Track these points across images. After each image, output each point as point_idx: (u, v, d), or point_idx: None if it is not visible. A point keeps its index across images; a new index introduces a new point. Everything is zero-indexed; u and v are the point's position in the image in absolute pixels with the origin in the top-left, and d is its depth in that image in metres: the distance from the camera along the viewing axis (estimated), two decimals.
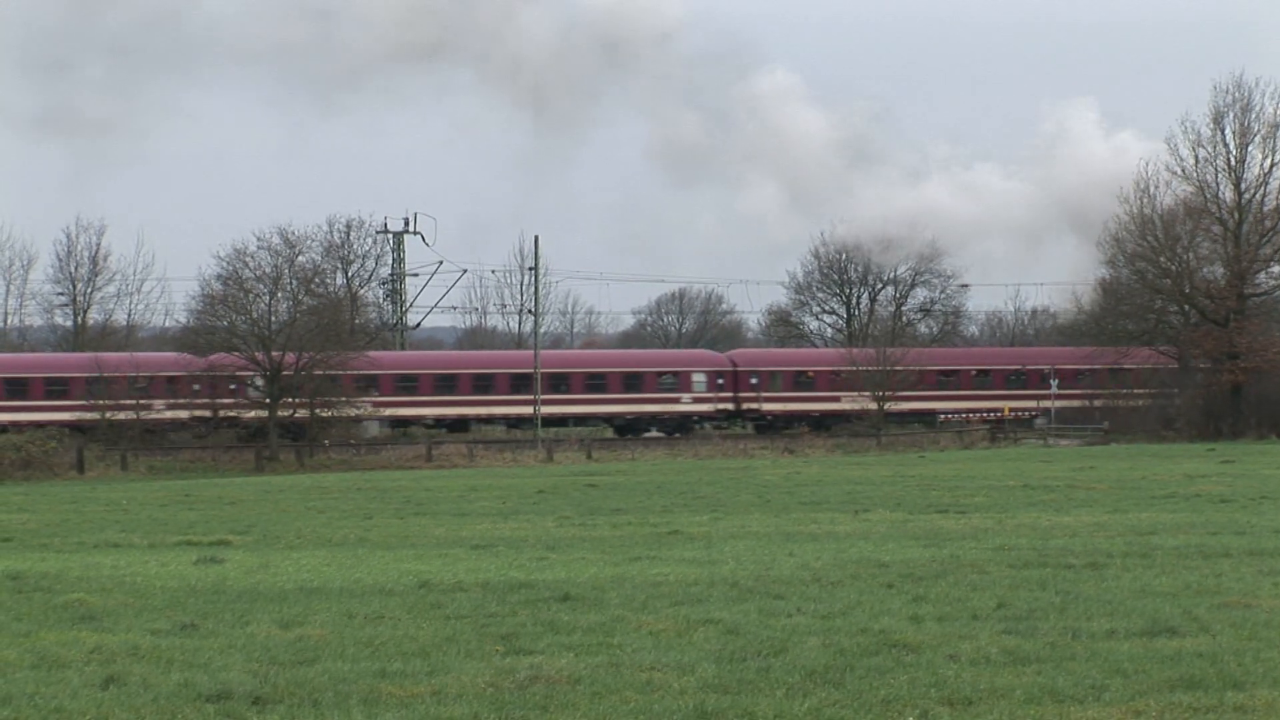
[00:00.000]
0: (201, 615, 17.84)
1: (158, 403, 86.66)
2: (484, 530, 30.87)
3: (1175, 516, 31.55)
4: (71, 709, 12.77)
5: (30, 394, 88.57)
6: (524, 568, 22.96)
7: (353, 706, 12.75)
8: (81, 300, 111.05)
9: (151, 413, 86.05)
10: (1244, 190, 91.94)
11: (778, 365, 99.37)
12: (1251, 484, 42.84)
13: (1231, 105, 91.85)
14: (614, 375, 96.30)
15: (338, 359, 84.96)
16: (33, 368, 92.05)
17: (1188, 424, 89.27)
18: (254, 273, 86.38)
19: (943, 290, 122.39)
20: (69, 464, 76.71)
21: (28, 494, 53.01)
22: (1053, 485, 43.42)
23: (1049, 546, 24.82)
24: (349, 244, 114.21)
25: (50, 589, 20.74)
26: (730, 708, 12.56)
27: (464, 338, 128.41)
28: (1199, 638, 15.49)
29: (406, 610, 18.04)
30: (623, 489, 45.62)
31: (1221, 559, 22.63)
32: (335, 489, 49.50)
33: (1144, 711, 12.43)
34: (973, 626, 16.30)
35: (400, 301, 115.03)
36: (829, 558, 23.51)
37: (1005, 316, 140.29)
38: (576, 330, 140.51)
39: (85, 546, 28.21)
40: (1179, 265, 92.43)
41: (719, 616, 17.10)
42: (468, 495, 44.06)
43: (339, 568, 23.31)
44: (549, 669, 13.98)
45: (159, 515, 37.78)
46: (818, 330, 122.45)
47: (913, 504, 36.55)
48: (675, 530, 29.54)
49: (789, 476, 51.55)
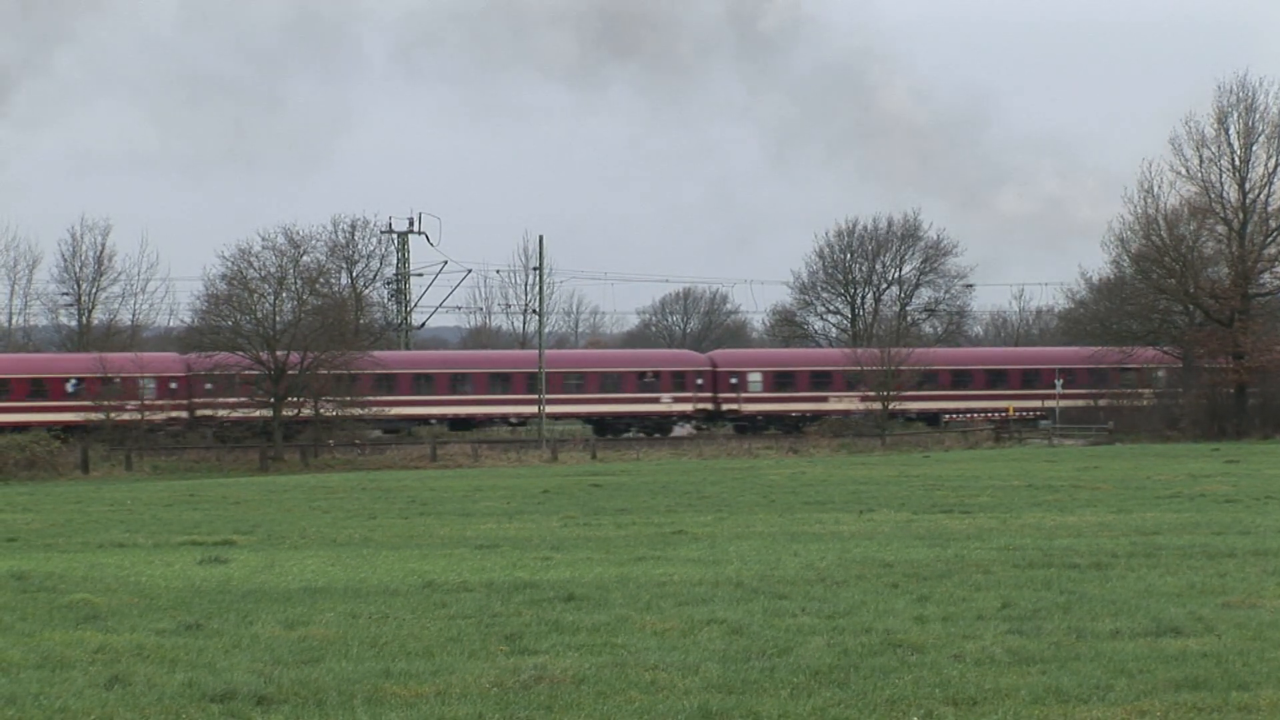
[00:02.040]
0: (206, 615, 17.84)
1: (158, 403, 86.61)
2: (489, 530, 30.87)
3: (1180, 516, 31.53)
4: (76, 709, 12.77)
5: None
6: (528, 568, 22.96)
7: (357, 706, 12.76)
8: (86, 300, 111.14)
9: (153, 413, 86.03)
10: (1248, 190, 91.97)
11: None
12: (1256, 484, 42.83)
13: (1235, 105, 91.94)
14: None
15: (342, 359, 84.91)
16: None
17: (1192, 424, 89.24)
18: (259, 272, 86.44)
19: (947, 290, 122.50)
20: (73, 464, 76.76)
21: (32, 494, 53.04)
22: (1057, 485, 43.41)
23: (1054, 546, 24.81)
24: (354, 244, 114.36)
25: (55, 589, 20.74)
26: (735, 708, 12.56)
27: (468, 338, 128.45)
28: (1204, 638, 15.48)
29: (411, 610, 18.04)
30: (627, 489, 45.62)
31: (1226, 559, 22.61)
32: (340, 489, 49.52)
33: (1149, 711, 12.43)
34: (977, 626, 16.29)
35: (405, 301, 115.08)
36: (834, 558, 23.50)
37: (1010, 316, 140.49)
38: (581, 330, 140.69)
39: (90, 546, 28.22)
40: (1183, 265, 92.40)
41: (724, 616, 17.09)
42: (472, 495, 44.07)
43: (344, 568, 23.31)
44: (553, 669, 13.98)
45: (164, 515, 37.79)
46: (822, 330, 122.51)
47: (917, 504, 36.53)
48: (680, 530, 29.54)
49: (794, 476, 51.55)
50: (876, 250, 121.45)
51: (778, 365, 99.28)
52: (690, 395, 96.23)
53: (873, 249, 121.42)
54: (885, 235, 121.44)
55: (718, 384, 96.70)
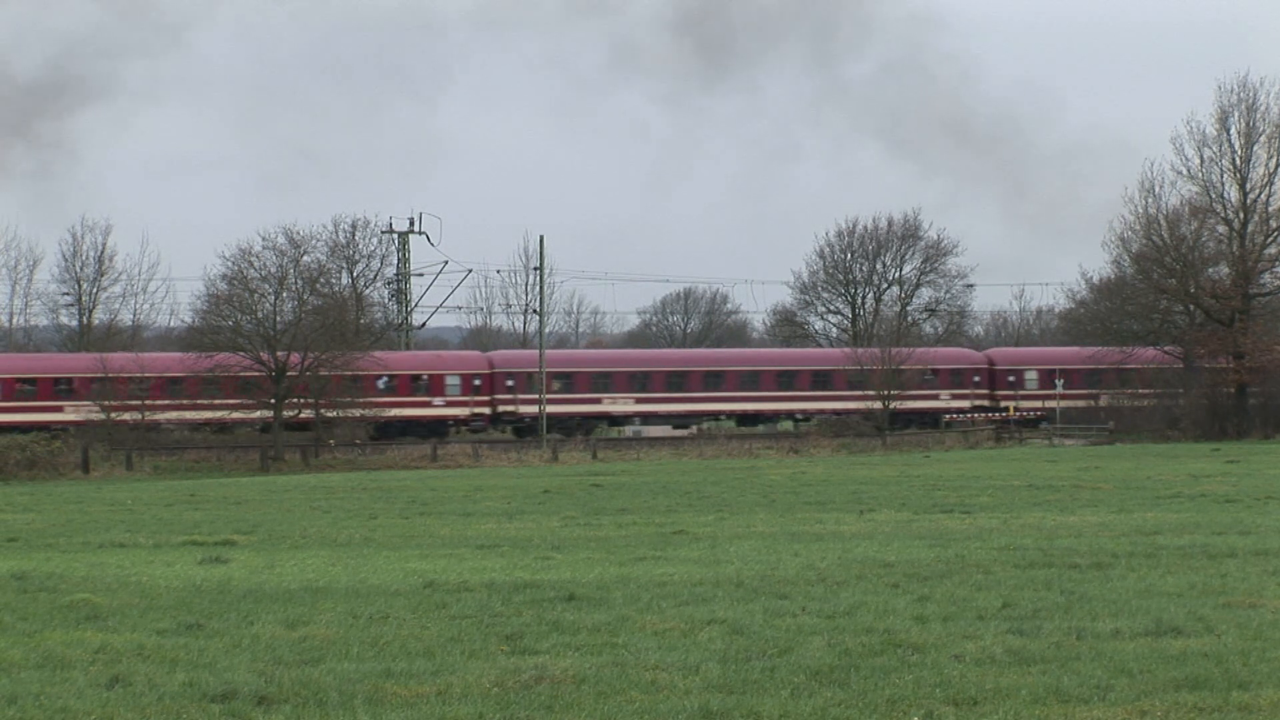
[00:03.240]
0: (206, 615, 17.85)
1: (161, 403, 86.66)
2: (489, 530, 30.88)
3: (1180, 516, 31.53)
4: (77, 709, 12.77)
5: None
6: (529, 568, 22.96)
7: (358, 706, 12.76)
8: (87, 300, 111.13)
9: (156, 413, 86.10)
10: (1249, 190, 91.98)
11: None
12: (1256, 484, 42.83)
13: (1236, 105, 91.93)
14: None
15: (342, 359, 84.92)
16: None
17: (1193, 424, 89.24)
18: (259, 272, 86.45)
19: (948, 290, 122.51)
20: (74, 464, 76.73)
21: (33, 494, 53.03)
22: (1058, 485, 43.41)
23: (1054, 546, 24.81)
24: (354, 244, 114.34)
25: (55, 589, 20.74)
26: (735, 708, 12.56)
27: (469, 338, 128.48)
28: (1204, 638, 15.48)
29: (411, 610, 18.04)
30: (628, 489, 45.63)
31: (1227, 559, 22.61)
32: (340, 489, 49.52)
33: (1149, 711, 12.43)
34: (978, 626, 16.29)
35: (405, 301, 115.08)
36: (834, 558, 23.50)
37: (1010, 316, 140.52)
38: (582, 330, 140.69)
39: (90, 546, 28.22)
40: (1184, 265, 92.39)
41: (724, 616, 17.10)
42: (473, 495, 44.07)
43: (344, 568, 23.32)
44: (554, 669, 13.99)
45: (164, 515, 37.79)
46: (823, 330, 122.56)
47: (918, 504, 36.54)
48: (680, 530, 29.55)
49: (794, 476, 51.56)
50: (877, 250, 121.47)
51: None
52: (968, 393, 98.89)
53: (873, 249, 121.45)
54: (886, 235, 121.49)
55: (995, 381, 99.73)
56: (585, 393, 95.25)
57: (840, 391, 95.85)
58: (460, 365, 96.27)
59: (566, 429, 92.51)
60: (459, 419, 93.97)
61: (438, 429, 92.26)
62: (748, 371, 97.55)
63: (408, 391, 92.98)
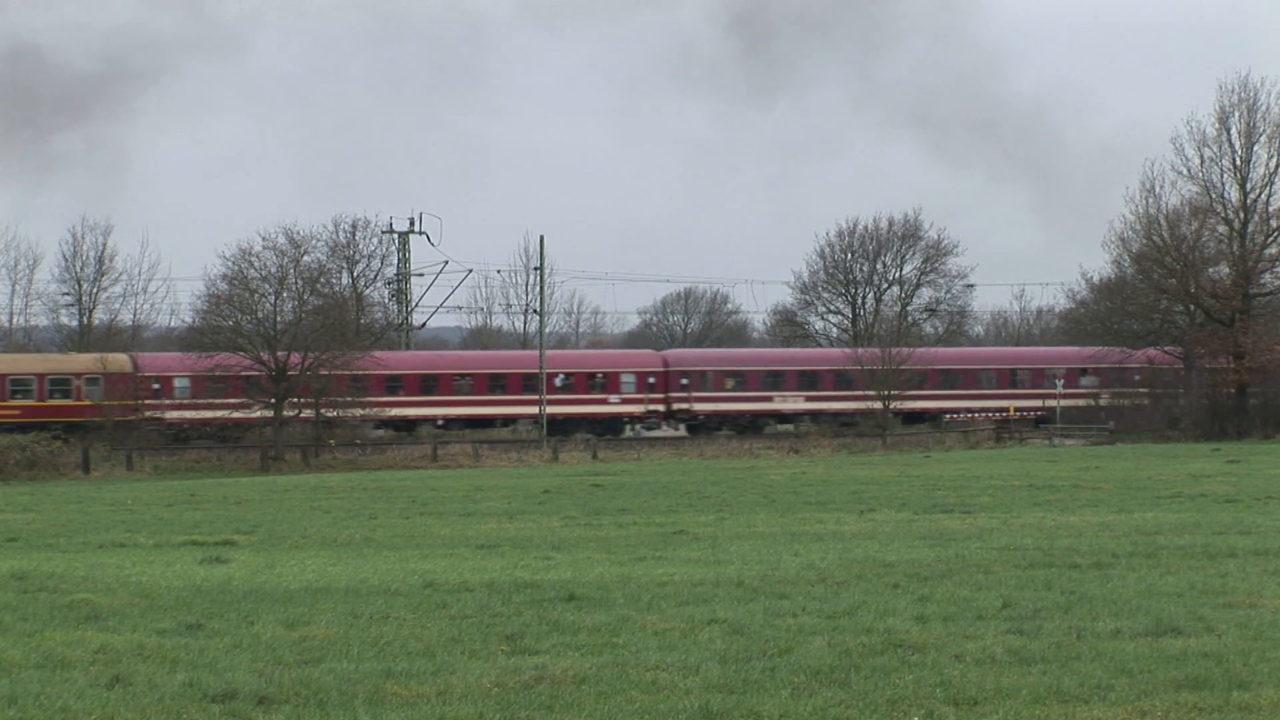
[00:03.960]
0: (207, 615, 17.84)
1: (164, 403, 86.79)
2: (489, 530, 30.87)
3: (1180, 516, 31.53)
4: (77, 709, 12.77)
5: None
6: (529, 568, 22.96)
7: (358, 706, 12.76)
8: (87, 300, 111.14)
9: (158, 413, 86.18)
10: (1249, 190, 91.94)
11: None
12: (1257, 484, 42.83)
13: (1237, 105, 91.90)
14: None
15: (343, 359, 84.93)
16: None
17: (1193, 424, 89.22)
18: (259, 272, 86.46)
19: (948, 290, 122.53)
20: (74, 464, 76.71)
21: (33, 493, 53.03)
22: (1058, 485, 43.40)
23: (1054, 546, 24.81)
24: (354, 244, 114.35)
25: (56, 589, 20.74)
26: (736, 708, 12.56)
27: (469, 338, 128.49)
28: (1204, 638, 15.49)
29: (412, 610, 18.04)
30: (628, 489, 45.62)
31: (1227, 559, 22.61)
32: (341, 489, 49.51)
33: (1149, 711, 12.43)
34: (978, 626, 16.29)
35: (405, 302, 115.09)
36: (834, 558, 23.50)
37: (1011, 316, 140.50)
38: (582, 330, 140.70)
39: (90, 546, 28.22)
40: (1184, 265, 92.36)
41: (724, 616, 17.10)
42: (473, 495, 44.06)
43: (344, 568, 23.31)
44: (554, 669, 13.99)
45: (164, 515, 37.79)
46: (823, 330, 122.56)
47: (918, 504, 36.53)
48: (681, 530, 29.54)
49: (794, 476, 51.55)
50: (877, 250, 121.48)
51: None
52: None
53: (873, 249, 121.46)
54: (886, 235, 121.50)
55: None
56: (756, 390, 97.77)
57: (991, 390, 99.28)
58: (636, 363, 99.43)
59: (737, 426, 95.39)
60: (634, 415, 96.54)
61: (613, 425, 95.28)
62: (916, 370, 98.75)
63: (584, 389, 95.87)
